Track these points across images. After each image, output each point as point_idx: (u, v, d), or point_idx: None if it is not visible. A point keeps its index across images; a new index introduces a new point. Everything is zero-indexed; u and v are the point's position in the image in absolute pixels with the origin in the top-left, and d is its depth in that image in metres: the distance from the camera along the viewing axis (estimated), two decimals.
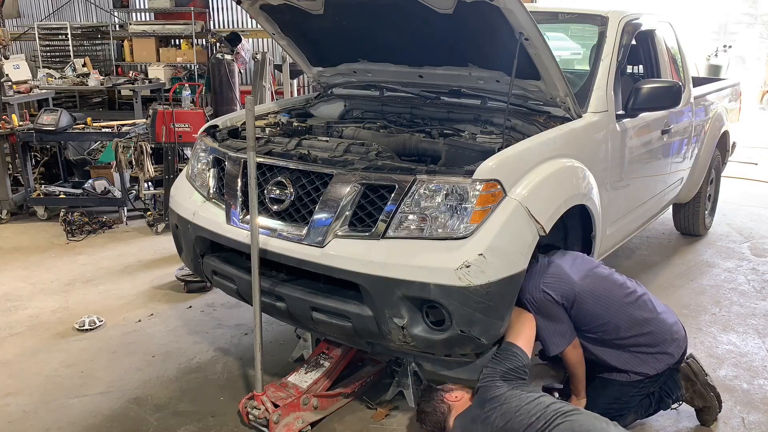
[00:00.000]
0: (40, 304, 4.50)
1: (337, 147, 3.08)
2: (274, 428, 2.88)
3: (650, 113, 3.91)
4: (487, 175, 2.59)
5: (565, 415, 2.46)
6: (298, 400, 2.99)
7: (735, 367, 3.64)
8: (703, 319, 4.21)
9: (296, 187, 2.87)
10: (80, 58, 10.70)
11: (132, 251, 5.54)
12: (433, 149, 3.13)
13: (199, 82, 9.68)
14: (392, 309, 2.57)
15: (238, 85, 7.96)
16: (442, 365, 2.94)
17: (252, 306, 2.90)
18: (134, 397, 3.34)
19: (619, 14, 3.84)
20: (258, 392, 2.98)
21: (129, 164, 6.02)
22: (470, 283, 2.45)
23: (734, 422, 3.13)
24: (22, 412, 3.23)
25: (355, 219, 2.72)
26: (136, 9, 12.00)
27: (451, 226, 2.56)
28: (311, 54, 4.00)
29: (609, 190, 3.52)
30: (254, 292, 2.84)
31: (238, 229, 3.01)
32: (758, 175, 8.22)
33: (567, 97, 3.17)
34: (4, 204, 6.46)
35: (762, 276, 4.96)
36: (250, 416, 2.98)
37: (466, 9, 2.85)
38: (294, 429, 2.91)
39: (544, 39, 2.85)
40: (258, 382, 2.99)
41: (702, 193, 5.49)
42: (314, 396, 3.06)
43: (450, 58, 3.41)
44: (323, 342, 3.33)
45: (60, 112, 6.30)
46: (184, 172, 3.65)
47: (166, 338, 3.98)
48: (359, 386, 3.25)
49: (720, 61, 15.14)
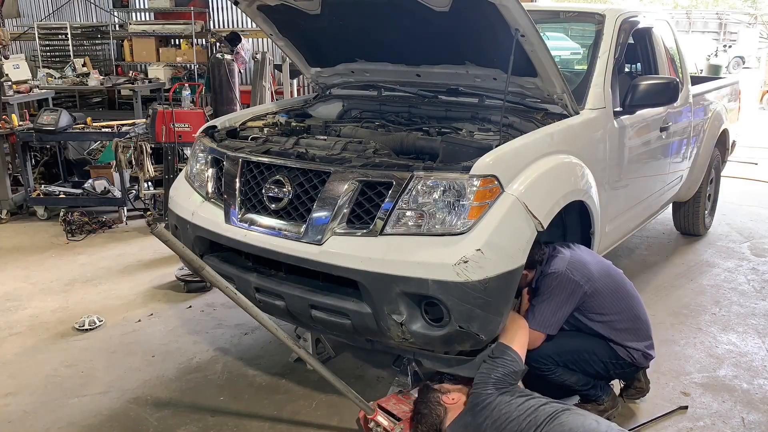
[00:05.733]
0: (40, 304, 4.50)
1: (334, 145, 3.08)
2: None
3: (648, 110, 3.92)
4: (484, 171, 2.59)
5: (554, 416, 2.46)
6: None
7: (735, 367, 3.63)
8: (703, 319, 4.21)
9: (294, 185, 2.88)
10: (80, 58, 10.72)
11: (132, 251, 5.55)
12: (430, 146, 3.14)
13: (199, 82, 9.69)
14: (391, 306, 2.57)
15: (238, 85, 7.96)
16: (442, 362, 2.94)
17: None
18: (134, 397, 3.35)
19: (616, 12, 3.85)
20: (370, 415, 2.86)
21: (129, 164, 6.02)
22: (468, 278, 2.45)
23: (734, 422, 3.13)
24: (22, 412, 3.23)
25: (353, 216, 2.72)
26: (136, 9, 12.00)
27: (449, 222, 2.56)
28: (309, 54, 4.00)
29: (607, 187, 3.53)
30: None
31: (237, 229, 3.01)
32: (758, 174, 8.21)
33: (564, 94, 3.18)
34: (4, 204, 6.47)
35: (762, 276, 4.96)
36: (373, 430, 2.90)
37: (462, 6, 2.86)
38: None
39: (540, 36, 2.85)
40: (365, 405, 2.86)
41: (702, 192, 5.49)
42: None
43: (447, 56, 3.41)
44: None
45: (60, 112, 6.31)
46: (183, 172, 3.65)
47: (166, 338, 3.98)
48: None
49: (720, 60, 15.16)
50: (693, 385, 3.44)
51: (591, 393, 3.05)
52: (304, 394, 3.34)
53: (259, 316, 2.76)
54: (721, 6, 24.65)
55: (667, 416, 3.16)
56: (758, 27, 19.24)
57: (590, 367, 2.97)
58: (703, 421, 3.14)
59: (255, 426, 3.10)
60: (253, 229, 2.95)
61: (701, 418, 3.16)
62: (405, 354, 3.11)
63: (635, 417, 3.17)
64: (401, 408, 2.90)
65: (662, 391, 3.36)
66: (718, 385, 3.44)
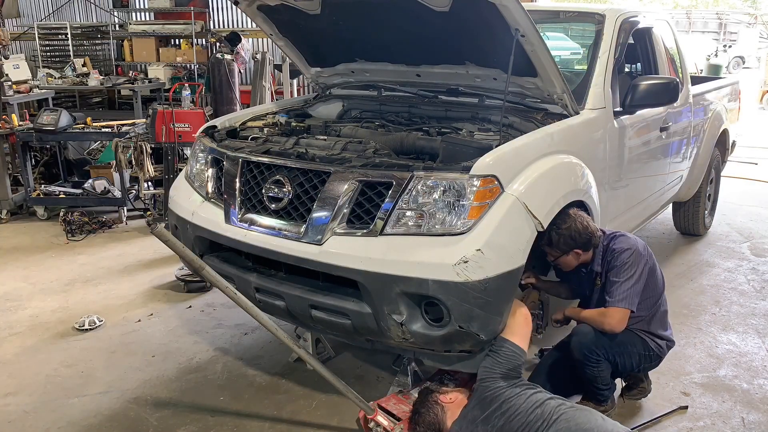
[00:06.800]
0: (40, 304, 4.50)
1: (334, 145, 3.09)
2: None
3: (648, 110, 3.93)
4: (484, 171, 2.59)
5: (560, 413, 2.47)
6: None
7: (735, 366, 3.63)
8: (703, 319, 4.21)
9: (294, 185, 2.88)
10: (80, 58, 10.72)
11: (132, 251, 5.55)
12: (430, 146, 3.14)
13: (199, 82, 9.68)
14: (391, 305, 2.57)
15: (238, 85, 7.95)
16: (442, 360, 2.94)
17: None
18: (134, 397, 3.35)
19: (616, 12, 3.86)
20: (370, 415, 2.86)
21: (129, 164, 6.02)
22: (468, 278, 2.45)
23: (734, 422, 3.13)
24: (22, 412, 3.23)
25: (353, 216, 2.72)
26: (136, 9, 12.00)
27: (449, 222, 2.56)
28: (309, 54, 4.00)
29: (607, 187, 3.53)
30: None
31: (237, 229, 3.01)
32: (758, 174, 8.21)
33: (564, 94, 3.18)
34: (4, 204, 6.47)
35: (762, 276, 4.96)
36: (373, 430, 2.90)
37: (462, 6, 2.86)
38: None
39: (540, 35, 2.85)
40: (365, 405, 2.87)
41: (702, 192, 5.49)
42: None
43: (447, 56, 3.41)
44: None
45: (60, 112, 6.31)
46: (183, 172, 3.65)
47: (165, 338, 3.98)
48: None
49: (720, 60, 15.16)
50: (693, 385, 3.44)
51: (605, 393, 3.06)
52: (304, 394, 3.34)
53: (259, 316, 2.76)
54: (721, 6, 24.65)
55: (667, 416, 3.16)
56: (758, 27, 19.24)
57: (628, 360, 3.01)
58: (703, 421, 3.14)
59: (255, 426, 3.10)
60: (253, 229, 2.95)
61: (701, 418, 3.16)
62: (405, 354, 3.11)
63: (635, 417, 3.17)
64: (401, 408, 2.90)
65: (662, 391, 3.36)
66: (718, 385, 3.44)
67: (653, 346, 3.03)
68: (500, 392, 2.58)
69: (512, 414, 2.51)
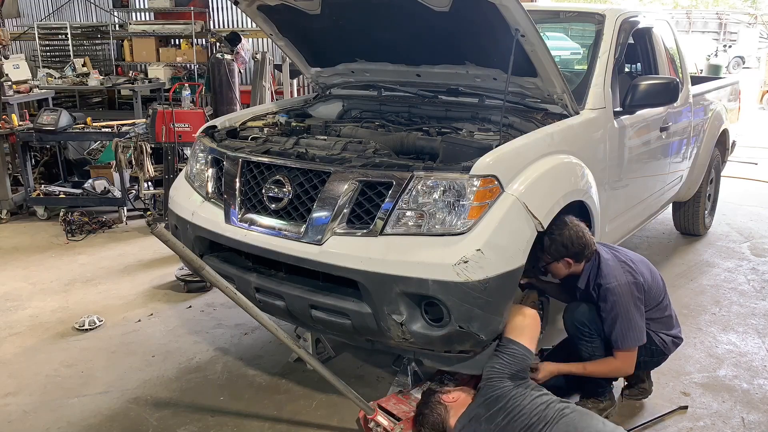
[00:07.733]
0: (39, 304, 4.50)
1: (334, 145, 3.09)
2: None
3: (648, 110, 3.92)
4: (484, 171, 2.59)
5: (562, 414, 2.48)
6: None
7: (735, 366, 3.63)
8: (703, 319, 4.21)
9: (294, 185, 2.88)
10: (80, 58, 10.73)
11: (132, 251, 5.55)
12: (430, 146, 3.14)
13: (198, 82, 9.68)
14: (391, 306, 2.57)
15: (238, 85, 7.94)
16: (442, 361, 2.94)
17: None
18: (134, 397, 3.35)
19: (616, 12, 3.86)
20: (370, 415, 2.87)
21: (129, 164, 6.02)
22: (468, 278, 2.45)
23: (734, 422, 3.13)
24: (22, 412, 3.23)
25: (353, 216, 2.72)
26: (136, 9, 12.01)
27: (449, 222, 2.56)
28: (309, 54, 4.00)
29: (607, 187, 3.53)
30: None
31: (237, 229, 3.01)
32: (758, 174, 8.21)
33: (564, 94, 3.18)
34: (4, 204, 6.47)
35: (762, 276, 4.96)
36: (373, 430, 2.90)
37: (462, 6, 2.86)
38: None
39: (540, 36, 2.85)
40: (365, 405, 2.88)
41: (702, 192, 5.49)
42: None
43: (447, 56, 3.41)
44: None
45: (60, 112, 6.31)
46: (183, 172, 3.65)
47: (165, 338, 3.98)
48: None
49: (720, 60, 15.17)
50: (693, 385, 3.44)
51: (603, 385, 3.05)
52: (304, 394, 3.34)
53: (259, 316, 2.76)
54: (721, 6, 24.65)
55: (667, 416, 3.16)
56: (758, 27, 19.25)
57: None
58: (703, 421, 3.14)
59: (255, 426, 3.10)
60: (253, 229, 2.95)
61: (701, 418, 3.16)
62: (405, 354, 3.11)
63: (635, 417, 3.17)
64: (401, 408, 2.90)
65: (662, 391, 3.35)
66: (718, 385, 3.44)
67: (657, 341, 3.02)
68: (506, 392, 2.58)
69: (516, 414, 2.51)
